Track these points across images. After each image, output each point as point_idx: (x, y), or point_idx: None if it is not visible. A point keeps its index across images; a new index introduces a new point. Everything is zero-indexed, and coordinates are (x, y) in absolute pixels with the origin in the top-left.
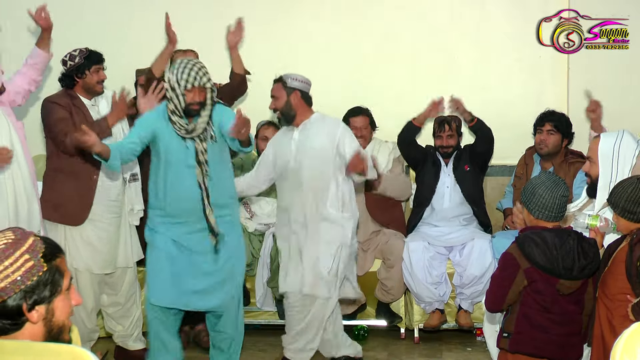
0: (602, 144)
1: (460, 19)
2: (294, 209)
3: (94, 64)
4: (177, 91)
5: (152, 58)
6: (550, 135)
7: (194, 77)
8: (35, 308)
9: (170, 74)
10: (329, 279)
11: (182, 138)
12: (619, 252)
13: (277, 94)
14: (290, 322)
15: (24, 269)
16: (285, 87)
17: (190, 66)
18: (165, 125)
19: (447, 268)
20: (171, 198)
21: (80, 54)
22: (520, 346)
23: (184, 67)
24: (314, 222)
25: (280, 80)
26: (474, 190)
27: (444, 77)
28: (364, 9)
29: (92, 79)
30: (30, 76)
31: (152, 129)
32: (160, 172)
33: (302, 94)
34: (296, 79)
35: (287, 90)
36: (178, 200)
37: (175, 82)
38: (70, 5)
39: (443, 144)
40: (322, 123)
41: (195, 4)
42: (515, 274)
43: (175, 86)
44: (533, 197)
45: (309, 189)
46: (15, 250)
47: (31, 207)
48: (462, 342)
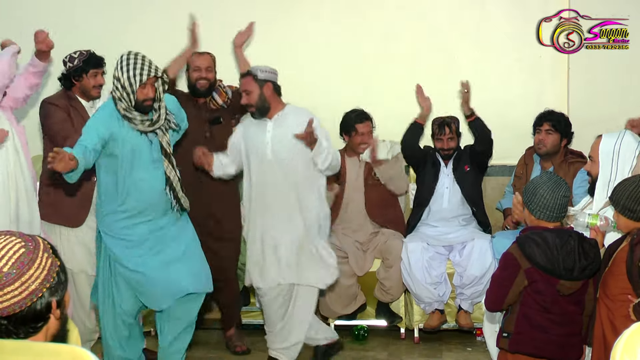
0: (603, 143)
1: (460, 19)
2: (271, 202)
3: (92, 68)
4: (127, 90)
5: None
6: (548, 135)
7: (147, 70)
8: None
9: (119, 72)
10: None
11: (142, 134)
12: (619, 252)
13: (248, 87)
14: (271, 319)
15: (47, 267)
16: (257, 80)
17: (140, 60)
18: (119, 125)
19: (447, 268)
20: (136, 196)
21: (80, 56)
22: (520, 346)
23: (134, 63)
24: (293, 212)
25: (249, 74)
26: (474, 191)
27: (444, 77)
28: (364, 9)
29: (88, 83)
30: (31, 81)
31: (110, 130)
32: (121, 172)
33: (273, 85)
34: (265, 70)
35: (259, 83)
36: (144, 196)
37: (127, 79)
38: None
39: (444, 147)
40: (295, 115)
41: (195, 5)
42: (515, 274)
43: (126, 84)
44: (534, 197)
45: (286, 181)
46: (38, 251)
47: (32, 208)
48: (462, 342)
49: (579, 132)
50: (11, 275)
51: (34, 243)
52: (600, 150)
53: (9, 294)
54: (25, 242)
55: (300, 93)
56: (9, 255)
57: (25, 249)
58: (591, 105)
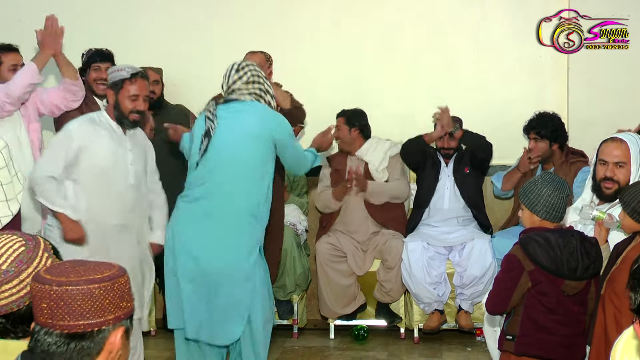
0: (631, 146)
1: (460, 19)
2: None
3: (92, 62)
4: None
5: (154, 58)
6: (537, 143)
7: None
8: None
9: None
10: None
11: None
12: (630, 251)
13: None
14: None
15: (47, 266)
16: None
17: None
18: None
19: (447, 268)
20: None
21: (87, 52)
22: (527, 348)
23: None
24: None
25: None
26: (474, 193)
27: (444, 77)
28: (364, 9)
29: (90, 78)
30: (64, 96)
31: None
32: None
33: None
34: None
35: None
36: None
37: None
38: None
39: (445, 146)
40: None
41: (195, 5)
42: (519, 276)
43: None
44: (540, 198)
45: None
46: (38, 250)
47: (37, 206)
48: (462, 342)
49: (579, 132)
50: (9, 273)
51: (34, 242)
52: (632, 154)
53: (7, 291)
54: (25, 241)
55: (300, 93)
56: (8, 253)
57: (25, 247)
58: (591, 105)
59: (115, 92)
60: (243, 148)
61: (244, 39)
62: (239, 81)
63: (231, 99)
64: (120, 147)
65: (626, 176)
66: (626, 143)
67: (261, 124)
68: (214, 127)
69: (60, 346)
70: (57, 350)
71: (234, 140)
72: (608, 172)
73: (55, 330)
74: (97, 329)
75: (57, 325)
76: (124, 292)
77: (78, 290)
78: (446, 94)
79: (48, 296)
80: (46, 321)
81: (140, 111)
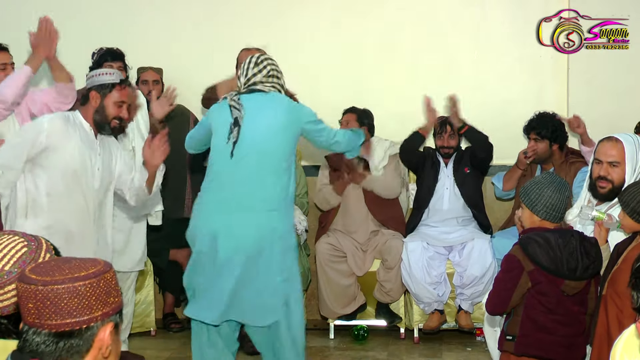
0: (627, 146)
1: (460, 19)
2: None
3: (104, 62)
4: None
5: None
6: (537, 143)
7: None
8: None
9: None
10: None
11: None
12: (632, 251)
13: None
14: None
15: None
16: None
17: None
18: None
19: (447, 268)
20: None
21: (99, 51)
22: (527, 348)
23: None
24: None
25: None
26: (474, 193)
27: (444, 77)
28: (364, 9)
29: None
30: (55, 97)
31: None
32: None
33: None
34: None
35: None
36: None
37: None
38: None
39: (444, 144)
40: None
41: (195, 5)
42: (519, 276)
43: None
44: (541, 198)
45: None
46: (40, 251)
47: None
48: (462, 342)
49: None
50: (12, 274)
51: (37, 243)
52: (627, 154)
53: (10, 292)
54: (28, 242)
55: (300, 93)
56: (11, 254)
57: (27, 248)
58: (591, 105)
59: (101, 95)
60: (273, 138)
61: (244, 39)
62: (259, 74)
63: (255, 89)
64: (90, 150)
65: (620, 176)
66: (622, 143)
67: (288, 114)
68: (242, 116)
69: (49, 345)
70: (46, 349)
71: (263, 130)
72: (602, 171)
73: (44, 330)
74: (85, 326)
75: (45, 324)
76: (110, 288)
77: (64, 289)
78: (446, 94)
79: (34, 296)
80: (34, 321)
81: (122, 119)
